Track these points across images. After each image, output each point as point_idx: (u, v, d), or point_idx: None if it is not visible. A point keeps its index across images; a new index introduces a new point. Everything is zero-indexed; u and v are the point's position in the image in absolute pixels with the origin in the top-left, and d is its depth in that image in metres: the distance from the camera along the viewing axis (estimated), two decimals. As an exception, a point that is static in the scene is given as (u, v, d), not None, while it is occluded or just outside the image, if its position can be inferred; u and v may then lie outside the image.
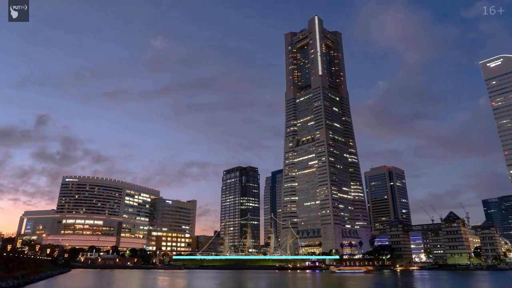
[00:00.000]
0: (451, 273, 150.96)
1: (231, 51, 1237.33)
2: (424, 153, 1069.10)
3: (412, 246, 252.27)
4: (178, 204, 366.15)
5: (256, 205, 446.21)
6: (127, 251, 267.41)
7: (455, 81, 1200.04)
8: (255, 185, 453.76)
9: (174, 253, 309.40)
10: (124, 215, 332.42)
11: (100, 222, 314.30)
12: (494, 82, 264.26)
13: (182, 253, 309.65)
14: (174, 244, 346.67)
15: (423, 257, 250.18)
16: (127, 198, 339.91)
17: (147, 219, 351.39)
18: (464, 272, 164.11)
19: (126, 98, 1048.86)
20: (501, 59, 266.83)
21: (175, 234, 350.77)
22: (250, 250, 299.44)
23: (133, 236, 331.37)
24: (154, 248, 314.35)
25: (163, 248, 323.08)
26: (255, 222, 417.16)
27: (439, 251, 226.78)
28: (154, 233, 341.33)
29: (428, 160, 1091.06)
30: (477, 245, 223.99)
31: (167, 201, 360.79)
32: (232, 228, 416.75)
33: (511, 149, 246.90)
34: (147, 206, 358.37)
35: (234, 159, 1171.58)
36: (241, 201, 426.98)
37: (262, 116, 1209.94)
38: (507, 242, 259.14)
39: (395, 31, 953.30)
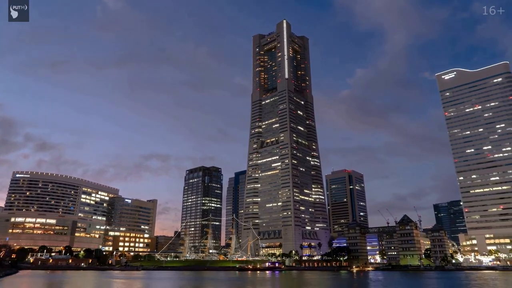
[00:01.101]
0: (402, 273, 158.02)
1: (200, 21, 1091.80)
2: (397, 151, 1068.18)
3: (368, 247, 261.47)
4: (138, 204, 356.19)
5: (218, 205, 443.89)
6: (82, 252, 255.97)
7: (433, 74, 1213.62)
8: (218, 186, 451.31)
9: (132, 253, 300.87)
10: (79, 214, 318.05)
11: (53, 221, 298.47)
12: (447, 94, 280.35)
13: (141, 253, 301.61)
14: (132, 244, 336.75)
15: (378, 258, 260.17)
16: (83, 196, 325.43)
17: (104, 218, 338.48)
18: (415, 272, 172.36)
19: (74, 69, 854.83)
20: (455, 72, 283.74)
21: (134, 234, 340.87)
22: (210, 251, 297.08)
23: (88, 236, 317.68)
24: (111, 249, 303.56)
25: (121, 249, 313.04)
26: (217, 223, 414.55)
27: (393, 253, 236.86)
28: (111, 233, 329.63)
29: (400, 159, 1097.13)
30: (428, 247, 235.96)
31: (126, 200, 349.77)
32: (193, 229, 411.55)
33: (461, 157, 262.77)
34: (104, 204, 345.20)
35: (198, 152, 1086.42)
36: (203, 201, 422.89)
37: (231, 100, 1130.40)
38: (454, 244, 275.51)
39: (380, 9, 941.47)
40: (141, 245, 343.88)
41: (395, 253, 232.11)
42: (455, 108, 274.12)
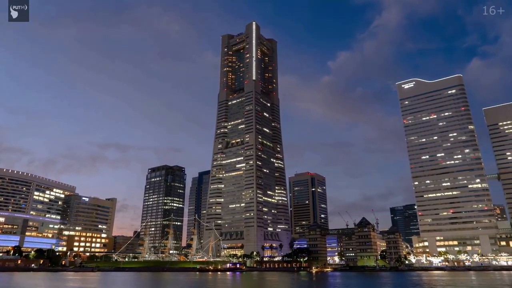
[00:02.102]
0: (359, 274, 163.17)
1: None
2: (373, 148, 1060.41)
3: (328, 249, 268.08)
4: (96, 202, 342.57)
5: (181, 205, 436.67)
6: (32, 252, 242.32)
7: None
8: (181, 185, 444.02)
9: (88, 254, 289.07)
10: (31, 212, 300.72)
11: (1, 219, 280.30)
12: (406, 102, 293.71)
13: (97, 254, 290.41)
14: (88, 244, 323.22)
15: (336, 259, 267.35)
16: (36, 193, 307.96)
17: (58, 217, 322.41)
18: (371, 273, 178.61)
19: (14, 28, 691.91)
20: (414, 82, 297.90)
21: (90, 234, 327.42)
22: (171, 251, 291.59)
23: (40, 235, 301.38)
24: (65, 249, 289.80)
25: (76, 249, 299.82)
26: (179, 223, 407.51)
27: (351, 254, 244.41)
28: (66, 232, 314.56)
29: (375, 156, 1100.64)
30: (383, 248, 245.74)
31: (83, 198, 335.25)
32: (153, 229, 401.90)
33: (416, 163, 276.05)
34: (59, 202, 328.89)
35: (161, 143, 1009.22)
36: (165, 201, 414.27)
37: (201, 83, 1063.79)
38: (408, 246, 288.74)
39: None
40: (97, 245, 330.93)
41: (353, 254, 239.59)
42: (413, 116, 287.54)
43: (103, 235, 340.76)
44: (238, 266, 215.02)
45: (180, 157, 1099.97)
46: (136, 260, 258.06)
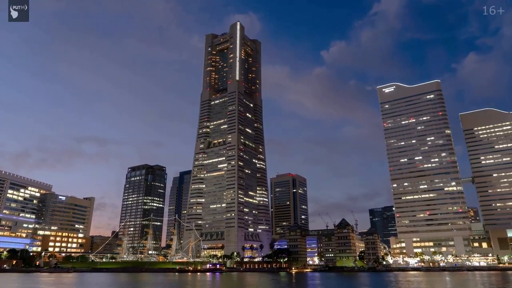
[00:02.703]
0: (338, 275, 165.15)
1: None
2: (363, 145, 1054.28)
3: (308, 249, 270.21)
4: (73, 201, 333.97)
5: (161, 205, 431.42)
6: (5, 252, 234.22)
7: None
8: (162, 185, 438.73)
9: (64, 254, 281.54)
10: (4, 211, 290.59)
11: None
12: (387, 106, 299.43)
13: (73, 254, 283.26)
14: (64, 244, 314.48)
15: (316, 260, 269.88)
16: (10, 191, 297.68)
17: (33, 216, 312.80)
18: (349, 273, 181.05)
19: None
20: (394, 87, 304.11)
21: (66, 234, 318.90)
22: (150, 252, 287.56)
23: (14, 235, 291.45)
24: (40, 249, 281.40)
25: (51, 249, 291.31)
26: (158, 223, 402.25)
27: (330, 255, 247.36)
28: (41, 232, 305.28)
29: (364, 155, 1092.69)
30: (362, 249, 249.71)
31: (60, 197, 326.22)
32: (132, 229, 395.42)
33: (395, 165, 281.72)
34: (35, 201, 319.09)
35: (141, 137, 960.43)
36: (145, 200, 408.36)
37: (185, 80, 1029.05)
38: (386, 247, 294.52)
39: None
40: (74, 245, 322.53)
41: (332, 255, 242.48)
42: (392, 120, 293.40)
43: (80, 235, 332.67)
44: (218, 267, 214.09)
45: (161, 154, 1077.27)
46: (113, 260, 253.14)
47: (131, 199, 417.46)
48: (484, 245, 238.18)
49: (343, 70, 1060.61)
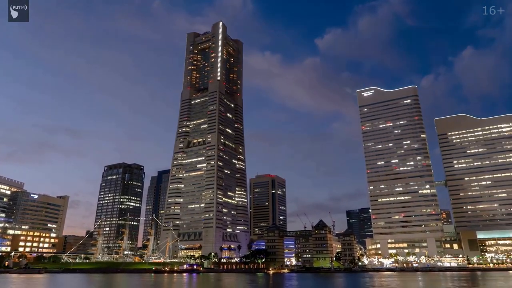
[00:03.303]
0: (315, 275, 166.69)
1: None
2: (351, 143, 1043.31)
3: (286, 250, 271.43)
4: (46, 200, 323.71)
5: (138, 205, 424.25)
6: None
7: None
8: (139, 184, 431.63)
9: (35, 254, 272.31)
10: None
11: None
12: (365, 109, 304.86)
13: (45, 255, 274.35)
14: (36, 244, 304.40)
15: (293, 261, 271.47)
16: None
17: (3, 215, 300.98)
18: (325, 274, 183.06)
19: None
20: (373, 91, 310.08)
21: (38, 233, 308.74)
22: (126, 252, 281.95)
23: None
24: (9, 249, 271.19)
25: (21, 249, 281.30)
26: (135, 223, 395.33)
27: (308, 255, 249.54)
28: (11, 232, 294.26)
29: (351, 154, 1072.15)
30: (339, 250, 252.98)
31: (31, 195, 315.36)
32: (108, 228, 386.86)
33: (372, 168, 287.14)
34: (5, 199, 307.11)
35: (119, 130, 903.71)
36: (121, 199, 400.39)
37: (165, 78, 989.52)
38: (362, 248, 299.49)
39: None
40: (46, 245, 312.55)
41: (310, 255, 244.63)
42: (370, 123, 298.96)
43: (53, 235, 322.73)
44: (195, 267, 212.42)
45: (139, 151, 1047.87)
46: (87, 261, 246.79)
47: (107, 198, 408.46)
48: (455, 246, 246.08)
49: (337, 60, 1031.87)
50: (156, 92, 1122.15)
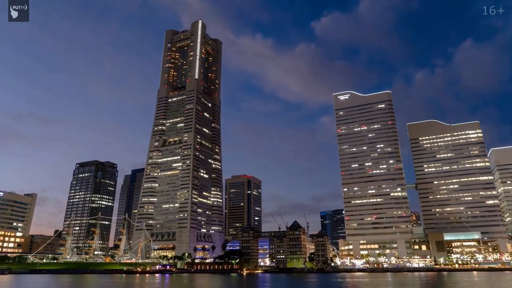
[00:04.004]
0: (288, 276, 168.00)
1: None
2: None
3: (260, 251, 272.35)
4: (12, 197, 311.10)
5: (110, 203, 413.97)
6: None
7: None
8: (112, 183, 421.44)
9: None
10: None
11: None
12: (341, 113, 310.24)
13: (10, 255, 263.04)
14: (0, 244, 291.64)
15: (267, 261, 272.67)
16: None
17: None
18: (299, 274, 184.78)
19: None
20: (348, 95, 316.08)
21: (3, 232, 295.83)
22: (96, 252, 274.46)
23: None
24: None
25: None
26: (106, 223, 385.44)
27: (282, 256, 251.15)
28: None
29: (335, 152, 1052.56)
30: (312, 251, 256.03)
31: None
32: (78, 228, 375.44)
33: (347, 170, 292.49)
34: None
35: (91, 121, 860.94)
36: (93, 198, 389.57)
37: (142, 77, 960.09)
38: (334, 249, 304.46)
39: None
40: (11, 245, 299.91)
41: (284, 256, 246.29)
42: (346, 127, 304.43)
43: (18, 234, 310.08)
44: (168, 268, 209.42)
45: (113, 147, 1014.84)
46: (55, 261, 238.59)
47: (78, 196, 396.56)
48: (424, 247, 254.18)
49: (332, 46, 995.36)
50: (133, 88, 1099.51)
